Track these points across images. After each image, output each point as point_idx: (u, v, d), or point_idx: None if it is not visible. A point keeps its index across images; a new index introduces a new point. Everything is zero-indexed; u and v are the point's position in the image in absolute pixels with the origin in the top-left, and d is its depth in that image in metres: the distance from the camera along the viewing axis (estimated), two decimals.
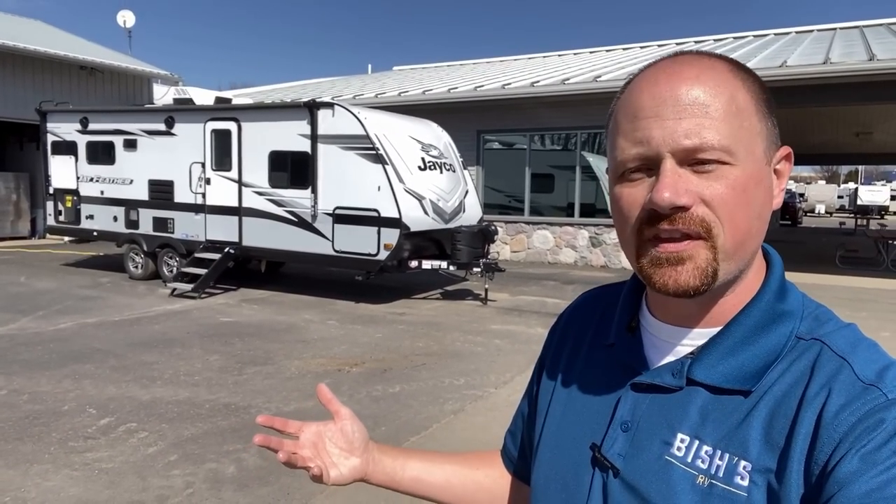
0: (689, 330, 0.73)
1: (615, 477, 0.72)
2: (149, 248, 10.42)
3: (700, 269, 0.65)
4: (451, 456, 1.04)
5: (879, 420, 0.59)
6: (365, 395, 5.25)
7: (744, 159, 0.65)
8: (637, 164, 0.67)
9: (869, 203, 41.93)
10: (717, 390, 0.69)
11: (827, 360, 0.66)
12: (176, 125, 10.05)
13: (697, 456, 0.67)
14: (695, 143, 0.64)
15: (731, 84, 0.67)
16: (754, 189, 0.66)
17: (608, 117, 0.73)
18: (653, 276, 0.67)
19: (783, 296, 0.72)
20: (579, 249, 13.35)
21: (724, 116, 0.65)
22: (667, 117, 0.65)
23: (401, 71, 25.21)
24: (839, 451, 0.59)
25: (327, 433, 0.93)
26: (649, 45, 21.08)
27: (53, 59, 15.98)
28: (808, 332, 0.69)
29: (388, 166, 8.40)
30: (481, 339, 7.14)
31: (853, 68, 9.92)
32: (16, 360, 5.99)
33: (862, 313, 8.68)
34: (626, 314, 0.82)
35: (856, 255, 14.41)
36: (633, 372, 0.76)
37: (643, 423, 0.73)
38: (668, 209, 0.64)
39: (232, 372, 5.78)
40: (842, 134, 24.65)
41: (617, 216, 0.71)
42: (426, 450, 1.05)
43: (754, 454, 0.64)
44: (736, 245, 0.66)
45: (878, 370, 0.64)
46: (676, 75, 0.66)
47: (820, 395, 0.63)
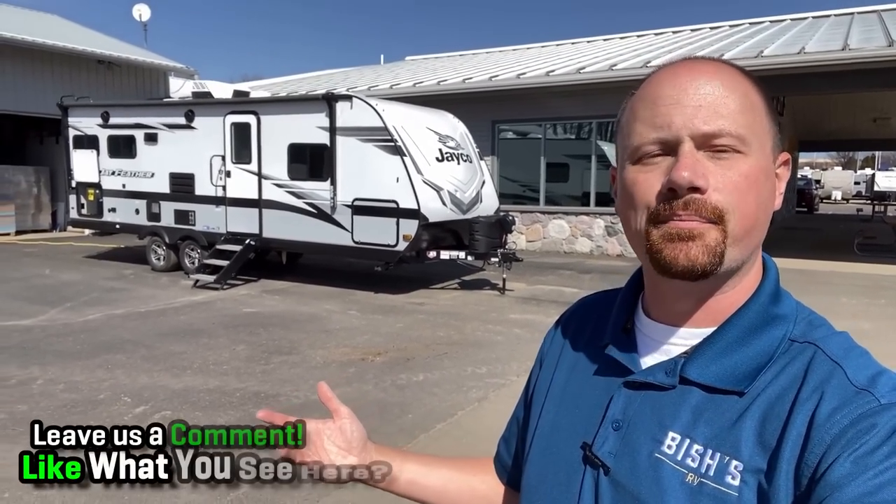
0: (682, 329, 0.74)
1: (606, 475, 0.73)
2: (171, 240, 10.59)
3: (709, 248, 0.67)
4: (448, 461, 1.04)
5: (871, 424, 0.60)
6: (390, 383, 5.36)
7: (756, 151, 0.69)
8: (655, 148, 0.69)
9: (886, 189, 41.49)
10: (711, 390, 0.70)
11: (820, 363, 0.67)
12: (196, 119, 10.18)
13: (688, 454, 0.68)
14: (713, 129, 0.67)
15: (745, 83, 0.71)
16: (764, 181, 0.70)
17: (621, 111, 0.76)
18: (663, 251, 0.69)
19: (778, 300, 0.73)
20: (595, 239, 13.39)
21: (741, 108, 0.68)
22: (687, 104, 0.68)
23: (413, 61, 25.21)
24: (831, 453, 0.60)
25: (326, 431, 0.93)
26: (664, 32, 20.95)
27: (72, 53, 16.16)
28: (801, 336, 0.70)
29: (406, 158, 8.48)
30: (501, 329, 7.22)
31: (872, 54, 9.85)
32: (48, 351, 6.15)
33: (881, 301, 8.68)
34: (622, 316, 0.83)
35: (874, 241, 14.33)
36: (627, 371, 0.77)
37: (635, 422, 0.73)
38: (686, 188, 0.66)
39: (259, 361, 5.91)
40: (859, 120, 24.41)
41: (628, 199, 0.72)
42: (424, 454, 1.05)
43: (746, 454, 0.65)
44: (744, 231, 0.68)
45: (870, 376, 0.65)
46: (696, 70, 0.70)
47: (812, 397, 0.64)
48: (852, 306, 8.32)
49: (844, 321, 7.34)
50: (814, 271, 11.16)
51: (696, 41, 16.32)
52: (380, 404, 4.87)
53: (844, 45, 10.47)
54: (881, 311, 8.08)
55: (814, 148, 41.24)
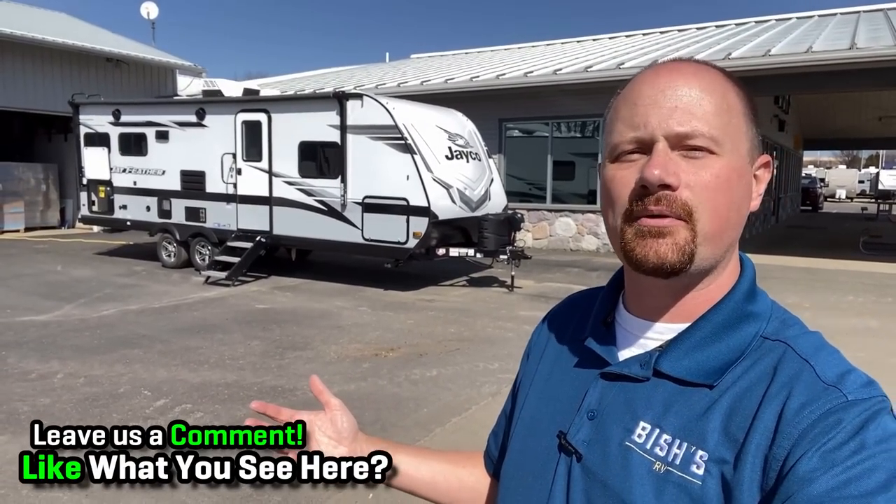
0: (659, 324, 0.77)
1: (578, 462, 0.75)
2: (181, 237, 10.68)
3: (678, 247, 0.69)
4: (439, 453, 1.06)
5: (838, 420, 0.62)
6: (404, 378, 5.44)
7: (729, 152, 0.70)
8: (632, 146, 0.72)
9: (890, 188, 41.42)
10: (682, 383, 0.72)
11: (790, 360, 0.68)
12: (207, 117, 10.26)
13: (657, 444, 0.70)
14: (686, 130, 0.69)
15: (724, 85, 0.72)
16: (736, 182, 0.71)
17: (607, 110, 0.78)
18: (635, 249, 0.71)
19: (752, 298, 0.75)
20: (601, 236, 13.44)
21: (716, 111, 0.70)
22: (663, 105, 0.70)
23: (419, 59, 25.28)
24: (798, 448, 0.62)
25: (318, 423, 0.95)
26: (669, 31, 20.98)
27: (81, 51, 16.26)
28: (773, 334, 0.72)
29: (416, 156, 8.56)
30: (511, 325, 7.30)
31: (880, 53, 9.89)
32: (66, 346, 6.25)
33: (888, 299, 8.73)
34: (603, 310, 0.86)
35: (880, 240, 14.37)
36: (604, 363, 0.79)
37: (608, 412, 0.76)
38: (656, 186, 0.68)
39: (274, 356, 6.00)
40: (864, 118, 24.42)
41: (607, 195, 0.75)
42: (414, 446, 1.06)
43: (711, 445, 0.66)
44: (714, 231, 0.70)
45: (839, 373, 0.66)
46: (676, 71, 0.72)
47: (781, 393, 0.66)
48: (859, 304, 8.37)
49: (851, 319, 7.42)
50: (819, 269, 11.21)
51: (702, 40, 16.35)
52: (395, 399, 4.95)
53: (852, 44, 10.50)
54: (888, 308, 8.14)
55: (819, 146, 41.23)
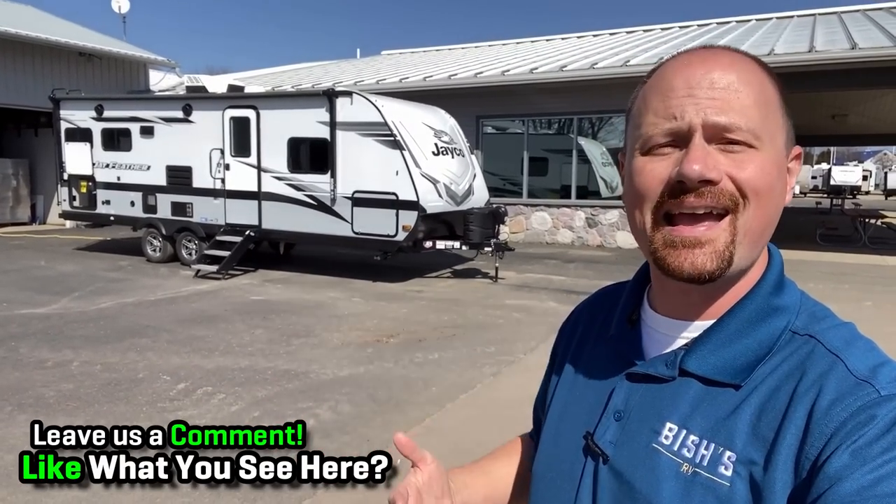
0: (686, 323, 0.75)
1: (605, 464, 0.74)
2: (167, 231, 10.79)
3: (717, 253, 0.66)
4: (490, 460, 1.04)
5: (871, 416, 0.60)
6: (408, 361, 5.77)
7: (768, 146, 0.68)
8: (666, 138, 0.68)
9: (842, 183, 43.06)
10: (709, 382, 0.70)
11: (820, 356, 0.66)
12: (194, 112, 10.39)
13: (684, 445, 0.68)
14: (726, 122, 0.66)
15: (761, 76, 0.70)
16: (776, 176, 0.69)
17: (632, 98, 0.76)
18: (667, 258, 0.68)
19: (780, 291, 0.73)
20: (576, 230, 13.95)
21: (755, 103, 0.67)
22: (700, 96, 0.67)
23: (390, 55, 25.46)
24: (830, 445, 0.60)
25: (425, 487, 0.86)
26: (635, 31, 21.60)
27: (54, 45, 16.07)
28: (803, 328, 0.70)
29: (405, 152, 8.87)
30: (501, 313, 7.68)
31: (837, 56, 10.56)
32: (74, 336, 6.40)
33: (845, 285, 9.39)
34: (628, 307, 0.84)
35: (835, 232, 15.21)
36: (630, 363, 0.78)
37: (635, 413, 0.74)
38: (696, 181, 0.65)
39: (280, 343, 6.26)
40: (818, 116, 25.47)
41: (635, 190, 0.71)
42: (477, 463, 1.04)
43: (740, 445, 0.65)
44: (757, 229, 0.68)
45: (871, 367, 0.64)
46: (711, 60, 0.69)
47: (811, 390, 0.64)
48: (819, 290, 8.99)
49: None
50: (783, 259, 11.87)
51: (670, 40, 16.96)
52: (404, 379, 5.28)
53: (811, 47, 11.17)
54: (846, 294, 8.77)
55: None
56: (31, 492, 3.37)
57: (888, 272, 10.76)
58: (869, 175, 52.98)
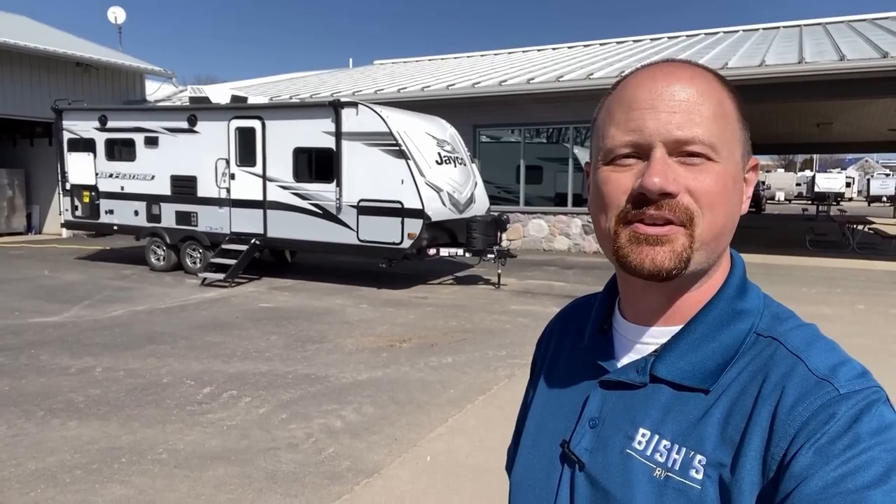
0: (655, 328, 0.77)
1: (581, 471, 0.75)
2: (172, 240, 10.89)
3: (676, 254, 0.69)
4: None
5: (831, 414, 0.61)
6: (423, 365, 5.93)
7: (726, 158, 0.70)
8: (628, 150, 0.70)
9: (826, 190, 43.70)
10: (679, 387, 0.72)
11: (781, 357, 0.68)
12: (199, 123, 10.53)
13: (656, 450, 0.70)
14: (685, 136, 0.68)
15: (720, 91, 0.72)
16: (732, 187, 0.71)
17: (597, 109, 0.78)
18: (629, 255, 0.71)
19: (743, 295, 0.75)
20: (573, 237, 14.20)
21: (713, 117, 0.69)
22: (661, 110, 0.69)
23: (383, 65, 25.70)
24: (794, 444, 0.61)
25: None
26: (625, 41, 21.99)
27: (51, 56, 16.13)
28: (766, 330, 0.72)
29: (410, 161, 9.06)
30: (507, 318, 7.87)
31: (826, 68, 10.90)
32: (91, 343, 6.51)
33: (837, 289, 9.66)
34: (600, 317, 0.86)
35: (824, 238, 15.57)
36: (603, 371, 0.79)
37: (609, 419, 0.76)
38: (656, 194, 0.67)
39: (297, 349, 6.41)
40: (803, 125, 25.95)
41: (600, 199, 0.73)
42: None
43: (709, 449, 0.67)
44: (712, 236, 0.70)
45: (831, 366, 0.66)
46: (673, 75, 0.71)
47: (775, 392, 0.65)
48: (812, 294, 9.26)
49: (808, 307, 8.26)
50: (774, 265, 12.18)
51: (661, 50, 17.31)
52: (422, 382, 5.45)
53: (801, 59, 11.50)
54: (838, 298, 9.04)
55: (759, 151, 43.26)
56: (78, 491, 3.50)
57: (877, 276, 11.08)
58: (852, 182, 53.90)
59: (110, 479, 3.64)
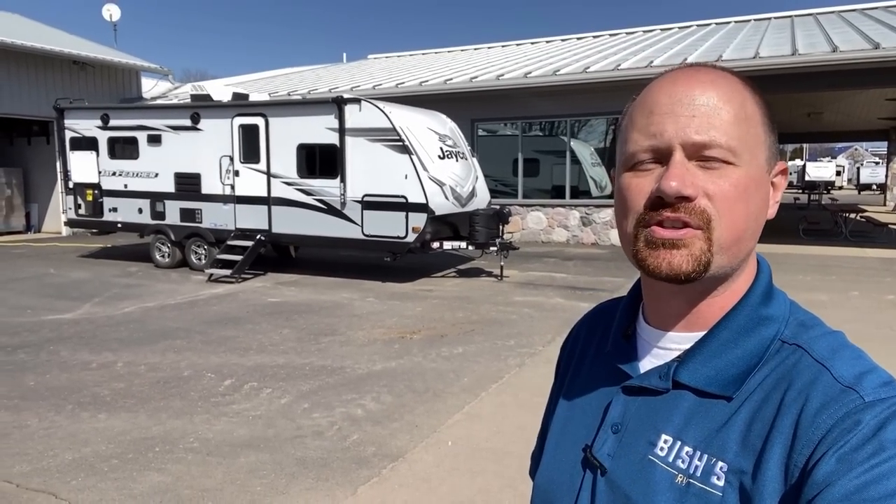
0: (678, 334, 0.77)
1: (602, 476, 0.76)
2: (176, 237, 11.01)
3: (694, 257, 0.69)
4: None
5: (856, 422, 0.61)
6: (435, 355, 6.11)
7: (747, 162, 0.70)
8: (648, 155, 0.71)
9: (816, 179, 44.03)
10: (702, 394, 0.72)
11: (806, 366, 0.68)
12: (202, 121, 10.63)
13: (678, 456, 0.70)
14: (704, 140, 0.68)
15: (742, 93, 0.72)
16: (754, 191, 0.71)
17: (622, 116, 0.78)
18: (647, 259, 0.71)
19: (768, 301, 0.74)
20: (571, 229, 14.39)
21: (734, 120, 0.69)
22: (681, 114, 0.69)
23: (377, 59, 25.75)
24: (817, 452, 0.61)
25: None
26: (618, 34, 22.13)
27: (47, 54, 16.14)
28: (791, 338, 0.71)
29: (413, 156, 9.21)
30: (512, 309, 8.04)
31: (819, 59, 11.10)
32: (109, 339, 6.64)
33: (831, 277, 9.90)
34: (623, 322, 0.86)
35: (817, 227, 15.83)
36: (626, 376, 0.80)
37: (631, 425, 0.76)
38: (673, 198, 0.68)
39: (310, 342, 6.56)
40: (794, 114, 26.26)
41: (622, 204, 0.74)
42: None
43: (731, 456, 0.67)
44: (731, 240, 0.69)
45: (856, 374, 0.65)
46: (693, 78, 0.71)
47: (798, 400, 0.65)
48: (808, 282, 9.49)
49: (805, 294, 8.49)
50: (769, 253, 12.39)
51: (654, 43, 17.47)
52: (436, 371, 5.62)
53: (794, 50, 11.70)
54: (832, 285, 9.27)
55: None
56: (118, 479, 3.66)
57: (869, 263, 11.34)
58: (842, 170, 54.30)
59: (146, 468, 3.79)
